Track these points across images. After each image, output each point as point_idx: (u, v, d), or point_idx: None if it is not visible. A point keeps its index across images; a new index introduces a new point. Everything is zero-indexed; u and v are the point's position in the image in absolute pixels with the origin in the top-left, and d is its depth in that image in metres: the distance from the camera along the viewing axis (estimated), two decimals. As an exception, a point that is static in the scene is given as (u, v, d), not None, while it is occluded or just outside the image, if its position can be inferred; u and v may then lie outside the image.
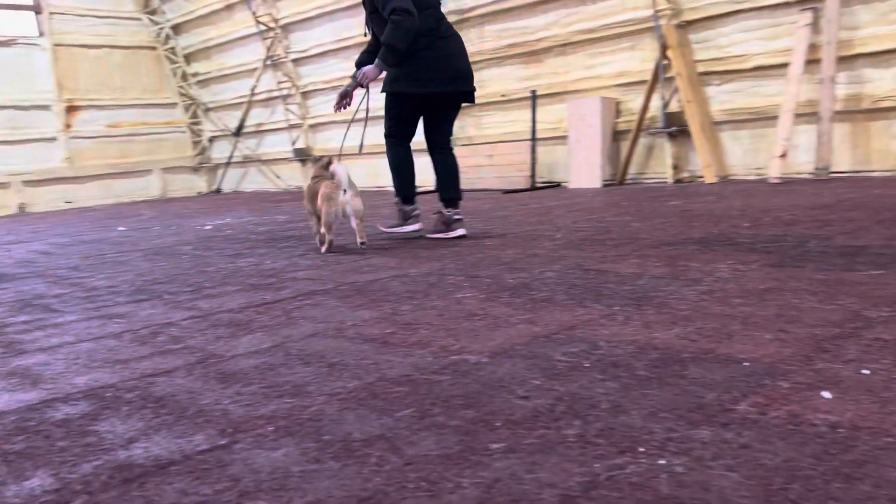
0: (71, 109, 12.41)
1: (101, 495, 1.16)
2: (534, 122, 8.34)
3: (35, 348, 2.24)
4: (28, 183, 11.90)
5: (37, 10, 12.24)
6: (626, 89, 7.98)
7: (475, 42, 9.14)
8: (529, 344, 1.85)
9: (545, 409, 1.38)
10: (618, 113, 8.10)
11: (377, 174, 11.07)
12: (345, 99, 4.41)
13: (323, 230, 3.98)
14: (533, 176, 8.37)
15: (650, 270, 2.73)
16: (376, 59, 4.09)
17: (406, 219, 4.46)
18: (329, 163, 4.04)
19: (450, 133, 4.41)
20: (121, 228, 7.01)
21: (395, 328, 2.15)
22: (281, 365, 1.85)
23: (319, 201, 3.89)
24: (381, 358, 1.84)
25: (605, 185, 7.83)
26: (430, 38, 4.05)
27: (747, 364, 1.57)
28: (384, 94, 4.28)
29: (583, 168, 8.03)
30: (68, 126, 12.38)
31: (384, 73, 4.18)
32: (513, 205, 6.35)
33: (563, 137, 8.36)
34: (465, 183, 8.88)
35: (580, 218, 4.79)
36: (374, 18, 4.16)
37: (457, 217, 4.26)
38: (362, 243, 3.81)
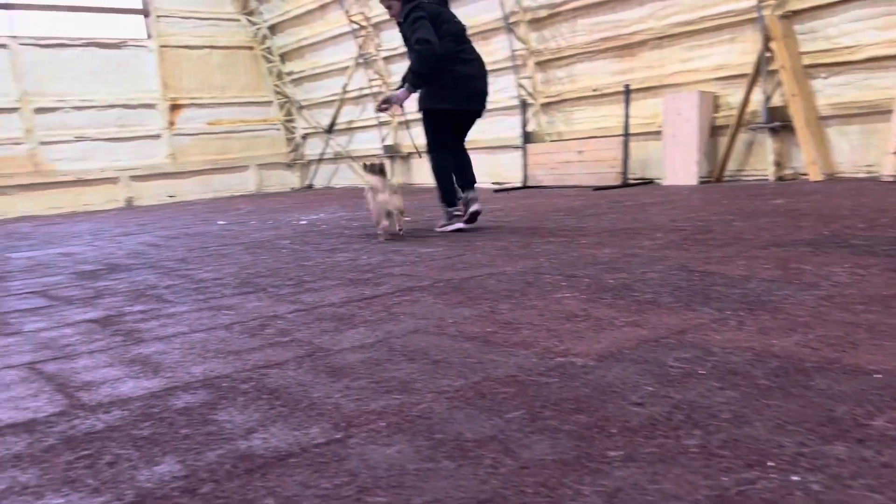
0: (174, 108, 13.03)
1: (226, 484, 1.20)
2: (626, 116, 8.15)
3: (152, 337, 2.35)
4: (135, 178, 12.59)
5: (145, 13, 12.90)
6: (725, 83, 7.68)
7: (566, 36, 9.03)
8: (638, 348, 1.80)
9: (662, 417, 1.34)
10: (716, 107, 7.81)
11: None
12: (385, 104, 4.94)
13: (375, 221, 4.79)
14: (625, 172, 8.19)
15: (760, 273, 2.61)
16: (406, 83, 4.75)
17: (451, 218, 4.89)
18: (381, 168, 4.77)
19: (464, 139, 5.00)
20: (221, 222, 7.31)
21: (496, 327, 2.14)
22: (386, 360, 1.87)
23: (368, 200, 4.76)
24: (484, 357, 1.83)
25: (702, 183, 7.57)
26: (451, 62, 4.64)
27: (879, 376, 1.47)
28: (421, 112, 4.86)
29: (678, 164, 7.79)
30: (172, 124, 13.01)
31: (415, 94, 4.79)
32: (604, 202, 6.23)
33: (657, 133, 8.13)
34: (553, 178, 8.83)
35: (678, 216, 4.65)
36: (407, 47, 4.78)
37: (472, 197, 4.82)
38: (400, 230, 4.68)
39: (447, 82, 4.63)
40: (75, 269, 4.34)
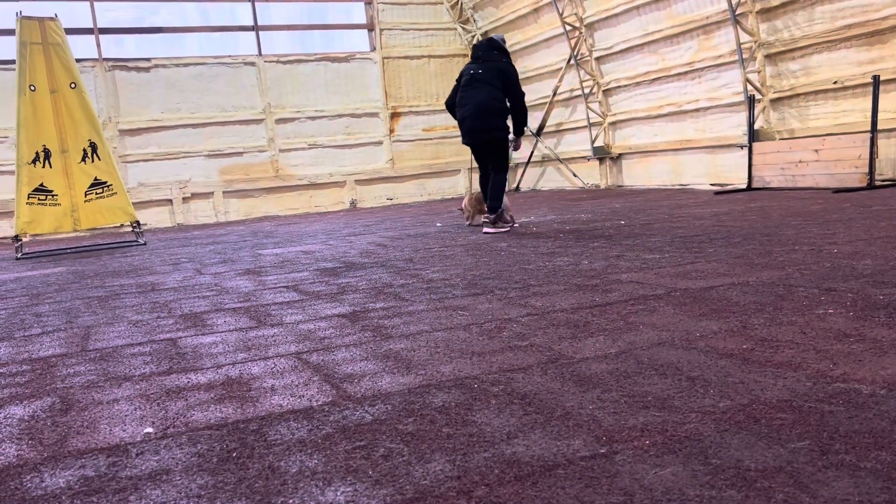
0: (394, 116, 13.83)
1: (499, 490, 1.21)
2: (875, 111, 7.27)
3: (398, 334, 2.48)
4: (359, 181, 13.54)
5: (370, 27, 13.83)
6: None
7: (802, 26, 8.27)
8: (937, 377, 1.57)
9: None
10: None
11: (680, 172, 10.61)
12: None
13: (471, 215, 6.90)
14: (871, 173, 7.31)
15: None
16: None
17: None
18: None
19: (494, 165, 6.20)
20: (438, 224, 7.60)
21: (752, 344, 1.98)
22: (635, 374, 1.80)
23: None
24: (746, 377, 1.70)
25: (971, 185, 6.55)
26: (456, 108, 6.31)
27: None
28: None
29: (940, 164, 6.81)
30: (392, 131, 13.81)
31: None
32: (849, 206, 5.60)
33: (914, 128, 7.18)
34: (783, 180, 8.13)
35: (950, 224, 4.05)
36: None
37: (485, 219, 6.23)
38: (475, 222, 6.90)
39: (459, 123, 6.30)
40: (317, 266, 4.73)
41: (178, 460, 1.47)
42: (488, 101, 6.04)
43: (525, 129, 6.40)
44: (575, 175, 12.85)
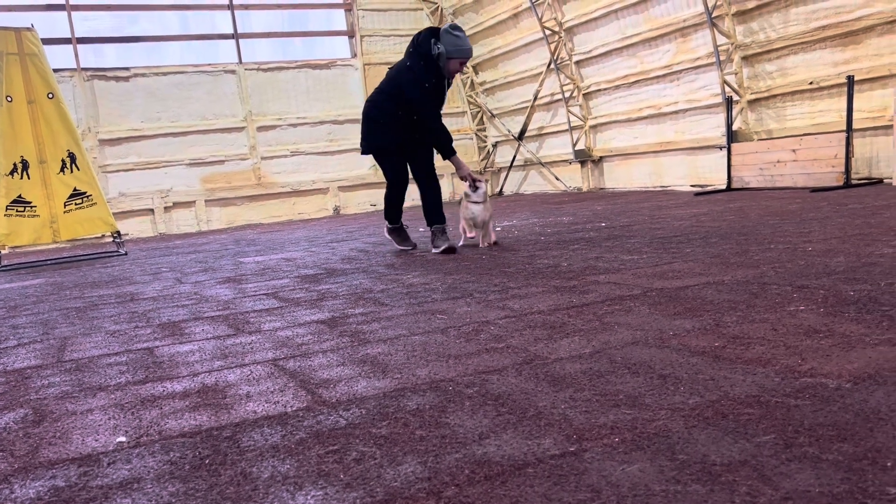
0: (376, 121, 13.84)
1: (468, 489, 1.22)
2: (850, 111, 7.38)
3: (376, 339, 2.48)
4: (342, 188, 13.52)
5: (350, 34, 13.84)
6: (975, 67, 6.71)
7: (777, 28, 8.37)
8: (901, 370, 1.59)
9: (950, 453, 1.17)
10: (963, 95, 6.84)
11: (661, 174, 10.69)
12: None
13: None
14: (847, 172, 7.42)
15: None
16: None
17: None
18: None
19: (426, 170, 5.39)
20: (421, 230, 7.61)
21: (724, 341, 2.00)
22: (608, 373, 1.82)
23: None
24: (717, 374, 1.72)
25: (945, 182, 6.66)
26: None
27: None
28: None
29: (914, 162, 6.91)
30: (373, 136, 13.81)
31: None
32: (826, 205, 5.67)
33: (887, 127, 7.29)
34: (762, 180, 8.22)
35: (922, 221, 4.11)
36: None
37: (433, 248, 5.25)
38: (495, 243, 5.24)
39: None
40: (298, 273, 4.72)
41: (150, 468, 1.46)
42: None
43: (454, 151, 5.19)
44: (557, 178, 12.91)
